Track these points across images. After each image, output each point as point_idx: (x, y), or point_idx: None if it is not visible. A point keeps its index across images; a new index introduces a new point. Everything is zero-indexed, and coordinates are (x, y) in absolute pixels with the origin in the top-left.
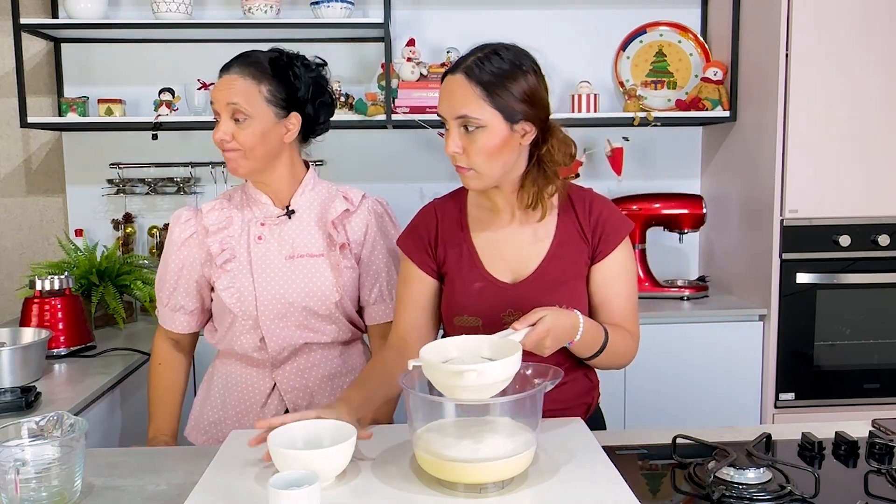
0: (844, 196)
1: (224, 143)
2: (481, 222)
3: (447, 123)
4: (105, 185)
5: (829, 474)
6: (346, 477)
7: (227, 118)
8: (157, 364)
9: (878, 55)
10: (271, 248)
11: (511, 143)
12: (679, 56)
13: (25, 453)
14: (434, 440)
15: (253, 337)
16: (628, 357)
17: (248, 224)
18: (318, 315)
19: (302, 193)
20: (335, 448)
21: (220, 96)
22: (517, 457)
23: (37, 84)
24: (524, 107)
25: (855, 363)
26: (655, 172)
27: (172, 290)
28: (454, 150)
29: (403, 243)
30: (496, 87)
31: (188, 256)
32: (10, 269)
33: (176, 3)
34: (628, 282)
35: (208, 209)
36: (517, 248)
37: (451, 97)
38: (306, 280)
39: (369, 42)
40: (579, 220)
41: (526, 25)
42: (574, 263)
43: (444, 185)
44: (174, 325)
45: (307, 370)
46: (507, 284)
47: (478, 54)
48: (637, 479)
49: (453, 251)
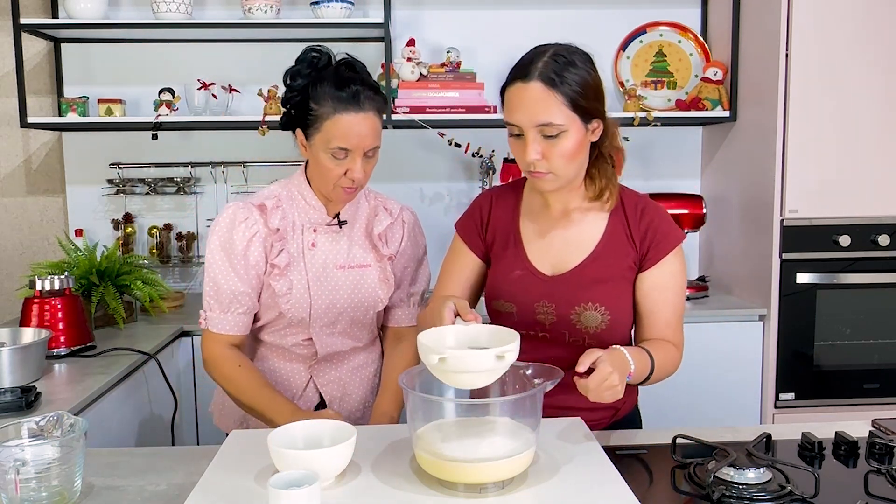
0: (844, 196)
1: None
2: (533, 215)
3: (521, 132)
4: (105, 185)
5: (829, 474)
6: (346, 477)
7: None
8: (238, 367)
9: (878, 55)
10: (326, 257)
11: (585, 143)
12: (679, 56)
13: (25, 453)
14: (434, 440)
15: (298, 336)
16: (673, 370)
17: (302, 228)
18: (362, 323)
19: (351, 204)
20: (335, 448)
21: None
22: (517, 457)
23: (37, 84)
24: (595, 104)
25: (855, 363)
26: (655, 172)
27: (237, 293)
28: (535, 157)
29: (459, 223)
30: (573, 90)
31: (254, 256)
32: (10, 269)
33: (176, 3)
34: (677, 294)
35: (272, 207)
36: (562, 244)
37: (530, 105)
38: (357, 290)
39: (369, 42)
40: (629, 224)
41: (526, 25)
42: (616, 266)
43: (444, 186)
44: (238, 329)
45: (341, 363)
46: (545, 276)
47: (544, 58)
48: (637, 479)
49: (501, 238)
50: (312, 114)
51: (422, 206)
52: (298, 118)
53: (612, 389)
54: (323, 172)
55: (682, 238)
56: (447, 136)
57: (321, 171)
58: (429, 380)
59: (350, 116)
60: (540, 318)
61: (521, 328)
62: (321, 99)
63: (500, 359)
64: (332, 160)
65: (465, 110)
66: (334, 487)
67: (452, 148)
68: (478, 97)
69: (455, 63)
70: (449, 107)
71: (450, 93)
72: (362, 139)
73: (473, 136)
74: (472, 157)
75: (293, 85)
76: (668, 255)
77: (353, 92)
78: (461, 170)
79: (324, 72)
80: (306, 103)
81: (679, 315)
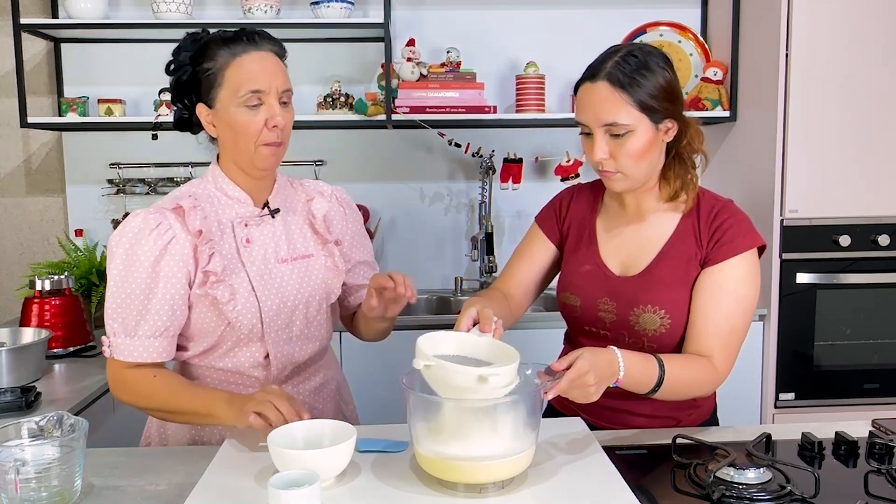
0: (844, 196)
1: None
2: (609, 213)
3: (590, 130)
4: (105, 185)
5: (829, 474)
6: (346, 477)
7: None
8: (153, 377)
9: (878, 55)
10: (265, 251)
11: (656, 143)
12: (679, 56)
13: (25, 453)
14: (434, 440)
15: (253, 354)
16: (700, 389)
17: (231, 225)
18: (316, 321)
19: (278, 191)
20: (335, 448)
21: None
22: (517, 457)
23: (37, 84)
24: (666, 104)
25: (855, 363)
26: None
27: (145, 312)
28: (602, 157)
29: (538, 214)
30: (642, 91)
31: (170, 268)
32: (10, 269)
33: (176, 3)
34: (730, 303)
35: (189, 207)
36: (633, 245)
37: (597, 105)
38: (305, 283)
39: (369, 42)
40: (699, 222)
41: (526, 25)
42: (681, 267)
43: (444, 186)
44: (151, 355)
45: (301, 383)
46: (613, 275)
47: (614, 59)
48: (637, 479)
49: (577, 232)
50: (209, 73)
51: (422, 206)
52: (193, 90)
53: (583, 389)
54: (240, 131)
55: (758, 244)
56: (447, 136)
57: (238, 132)
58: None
59: (251, 55)
60: (602, 315)
61: (584, 323)
62: (214, 55)
63: (482, 380)
64: (248, 112)
65: (465, 110)
66: (334, 487)
67: (452, 148)
68: (478, 97)
69: (455, 63)
70: (449, 107)
71: (450, 93)
72: (272, 76)
73: (473, 136)
74: (472, 157)
75: (179, 60)
76: (733, 258)
77: (246, 34)
78: (461, 170)
79: (207, 38)
80: (197, 69)
81: (732, 329)
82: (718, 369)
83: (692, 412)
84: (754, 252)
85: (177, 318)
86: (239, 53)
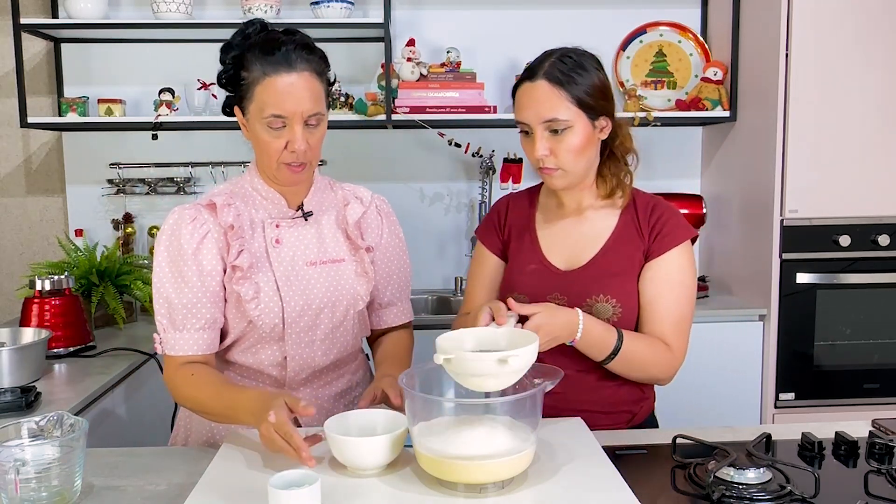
0: (844, 196)
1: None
2: (548, 214)
3: (530, 129)
4: (105, 185)
5: (829, 474)
6: (346, 477)
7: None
8: (190, 375)
9: (878, 55)
10: (294, 253)
11: (593, 140)
12: (679, 56)
13: (25, 453)
14: (434, 440)
15: (273, 353)
16: (659, 370)
17: (262, 224)
18: (343, 327)
19: (314, 193)
20: (387, 437)
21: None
22: (517, 457)
23: (37, 84)
24: (602, 103)
25: (855, 363)
26: (655, 172)
27: (191, 306)
28: (543, 153)
29: (478, 229)
30: (579, 88)
31: (207, 261)
32: (10, 269)
33: (176, 3)
34: (676, 291)
35: (221, 204)
36: (575, 240)
37: (537, 103)
38: (332, 288)
39: (369, 42)
40: (639, 218)
41: (526, 25)
42: (627, 259)
43: (444, 186)
44: (199, 347)
45: (321, 388)
46: (559, 270)
47: (551, 59)
48: (637, 479)
49: (517, 235)
50: (244, 83)
51: (422, 206)
52: (234, 93)
53: None
54: (262, 148)
55: (692, 235)
56: (447, 136)
57: (261, 149)
58: (429, 380)
59: (280, 78)
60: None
61: None
62: (251, 65)
63: (502, 363)
64: (269, 132)
65: (465, 110)
66: (334, 487)
67: (452, 148)
68: (478, 97)
69: (455, 63)
70: (449, 107)
71: (450, 93)
72: (297, 103)
73: (473, 136)
74: (472, 157)
75: (226, 58)
76: (673, 249)
77: (282, 52)
78: (461, 170)
79: (255, 38)
80: (238, 74)
81: (681, 314)
82: (674, 352)
83: (638, 406)
84: (689, 243)
85: (219, 309)
86: (270, 73)
